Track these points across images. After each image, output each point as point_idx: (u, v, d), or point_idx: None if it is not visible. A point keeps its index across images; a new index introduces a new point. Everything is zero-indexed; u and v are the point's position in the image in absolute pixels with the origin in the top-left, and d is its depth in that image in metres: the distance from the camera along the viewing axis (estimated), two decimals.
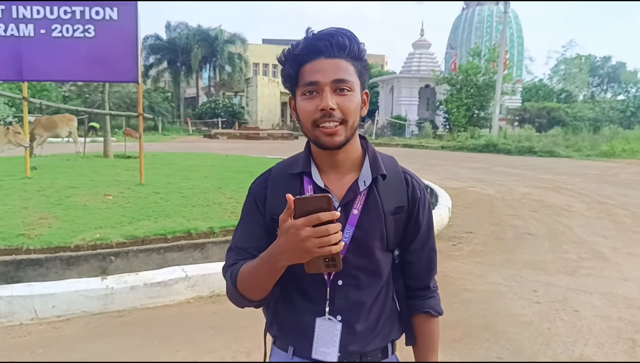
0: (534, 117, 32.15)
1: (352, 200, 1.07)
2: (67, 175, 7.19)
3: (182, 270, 3.84)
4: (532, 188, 10.01)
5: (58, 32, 5.89)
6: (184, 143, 24.82)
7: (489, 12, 36.36)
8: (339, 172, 1.09)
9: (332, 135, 1.00)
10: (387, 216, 1.09)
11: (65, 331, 3.18)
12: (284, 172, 1.13)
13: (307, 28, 1.03)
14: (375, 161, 1.10)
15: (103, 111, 9.99)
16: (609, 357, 2.91)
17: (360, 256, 1.07)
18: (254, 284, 1.04)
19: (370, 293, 1.11)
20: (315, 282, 1.07)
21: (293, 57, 1.03)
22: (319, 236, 0.85)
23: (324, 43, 1.00)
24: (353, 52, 1.03)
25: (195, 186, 6.40)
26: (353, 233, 1.05)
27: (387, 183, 1.10)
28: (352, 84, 1.01)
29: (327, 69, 1.00)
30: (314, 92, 1.01)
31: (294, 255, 0.89)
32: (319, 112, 0.99)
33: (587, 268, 4.71)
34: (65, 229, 4.31)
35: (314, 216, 0.85)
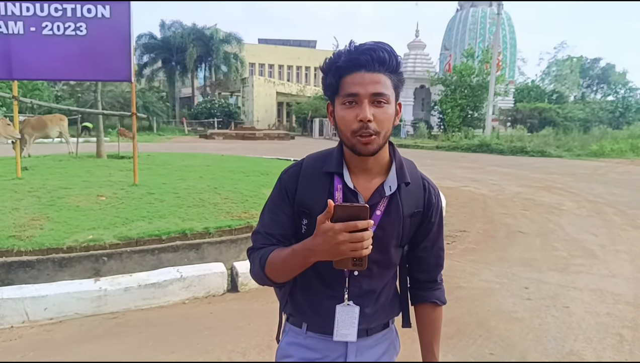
0: (526, 117, 32.39)
1: (377, 202, 1.16)
2: (59, 176, 7.15)
3: (177, 270, 3.84)
4: (523, 187, 10.10)
5: (49, 30, 5.83)
6: (180, 143, 24.72)
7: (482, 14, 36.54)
8: (368, 175, 1.18)
9: (368, 144, 1.08)
10: (405, 219, 1.20)
11: (57, 334, 3.17)
12: (315, 167, 1.22)
13: (350, 41, 1.12)
14: (402, 168, 1.20)
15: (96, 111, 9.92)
16: (597, 352, 2.96)
17: (377, 252, 1.14)
18: (283, 271, 1.14)
19: (381, 282, 1.25)
20: (335, 272, 1.15)
21: (336, 68, 1.10)
22: (354, 242, 0.95)
23: (366, 58, 1.07)
24: (392, 67, 1.10)
25: (191, 187, 6.39)
26: (374, 231, 1.12)
27: (409, 189, 1.20)
28: (389, 97, 1.09)
29: (367, 83, 1.07)
30: (353, 103, 1.08)
31: (327, 254, 0.99)
32: (357, 123, 1.07)
33: (577, 265, 4.77)
34: (57, 230, 4.28)
35: (352, 223, 0.95)
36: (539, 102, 35.53)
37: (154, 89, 39.17)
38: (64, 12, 5.84)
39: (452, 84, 27.71)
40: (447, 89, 27.99)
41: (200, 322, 3.37)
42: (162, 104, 35.53)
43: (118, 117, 22.26)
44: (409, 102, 32.80)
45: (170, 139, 28.43)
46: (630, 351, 2.98)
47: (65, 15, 5.85)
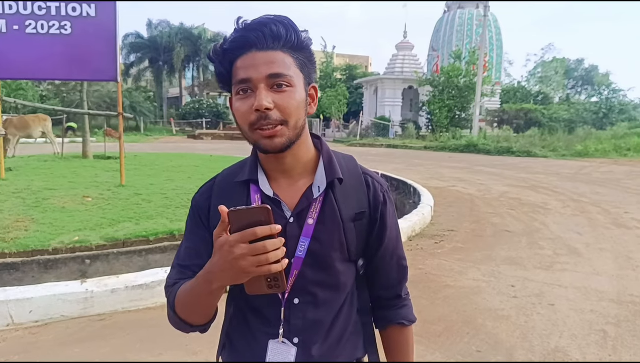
0: (512, 118, 32.75)
1: (306, 208, 0.96)
2: (44, 176, 7.05)
3: (165, 271, 3.81)
4: (510, 187, 10.22)
5: (32, 28, 5.76)
6: (167, 143, 24.52)
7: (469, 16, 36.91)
8: (290, 177, 0.98)
9: (272, 137, 0.88)
10: (347, 224, 0.98)
11: (42, 336, 3.13)
12: (229, 180, 1.02)
13: (238, 18, 0.91)
14: (331, 163, 0.99)
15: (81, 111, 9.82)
16: (582, 348, 3.01)
17: (318, 270, 0.97)
18: (193, 307, 0.94)
19: (330, 310, 1.00)
20: (269, 300, 0.97)
21: (223, 53, 0.91)
22: (256, 254, 0.75)
23: (256, 34, 0.88)
24: (290, 42, 0.90)
25: (179, 187, 6.36)
26: (309, 245, 0.95)
27: (345, 186, 0.99)
28: (291, 79, 0.89)
29: (259, 63, 0.87)
30: (247, 90, 0.89)
31: (229, 274, 0.79)
32: (254, 113, 0.87)
33: (562, 263, 4.85)
34: (42, 232, 4.23)
35: (249, 230, 0.75)
36: (525, 103, 35.97)
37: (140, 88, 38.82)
38: (47, 11, 5.77)
39: (439, 85, 27.94)
40: (434, 89, 28.22)
41: None
42: (149, 104, 35.23)
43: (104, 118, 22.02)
44: (397, 103, 32.99)
45: (157, 139, 28.19)
46: (614, 347, 3.04)
47: (49, 14, 5.78)
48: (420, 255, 5.05)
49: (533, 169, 14.19)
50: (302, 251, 0.95)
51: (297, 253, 0.95)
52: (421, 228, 6.16)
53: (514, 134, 25.82)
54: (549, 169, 14.04)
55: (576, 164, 15.76)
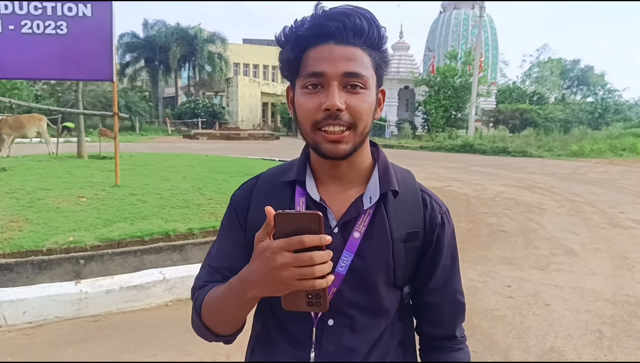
0: (507, 118, 32.87)
1: (353, 220, 0.87)
2: (38, 176, 7.01)
3: (160, 272, 3.80)
4: (506, 187, 10.25)
5: (28, 28, 5.72)
6: (163, 143, 24.45)
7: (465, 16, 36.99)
8: (341, 184, 0.90)
9: (337, 142, 0.80)
10: (396, 244, 0.88)
11: (36, 338, 3.11)
12: (273, 179, 0.93)
13: (317, 3, 0.82)
14: (386, 173, 0.90)
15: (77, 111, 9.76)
16: (577, 348, 3.02)
17: (359, 291, 0.87)
18: (221, 316, 0.85)
19: (368, 337, 0.89)
20: (299, 318, 0.87)
21: (295, 38, 0.82)
22: (300, 265, 0.67)
23: (336, 24, 0.79)
24: (372, 39, 0.82)
25: (174, 187, 6.33)
26: (352, 261, 0.85)
27: (400, 202, 0.89)
28: (367, 80, 0.81)
29: (337, 58, 0.79)
30: (318, 85, 0.80)
31: (266, 285, 0.71)
32: (322, 112, 0.79)
33: (558, 263, 4.86)
34: (36, 232, 4.20)
35: (296, 238, 0.67)
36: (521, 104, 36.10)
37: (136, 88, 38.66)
38: (44, 11, 5.74)
39: (435, 85, 27.99)
40: (430, 90, 28.27)
41: (184, 324, 3.33)
42: (144, 103, 35.09)
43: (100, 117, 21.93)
44: (394, 103, 33.01)
45: (153, 139, 28.10)
46: (609, 347, 3.04)
47: (45, 14, 5.75)
48: None
49: (529, 169, 14.24)
50: (343, 267, 0.85)
51: (337, 268, 0.85)
52: None
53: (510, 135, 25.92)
54: (544, 170, 14.10)
55: (572, 165, 15.82)
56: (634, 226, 6.57)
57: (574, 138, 22.44)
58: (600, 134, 24.39)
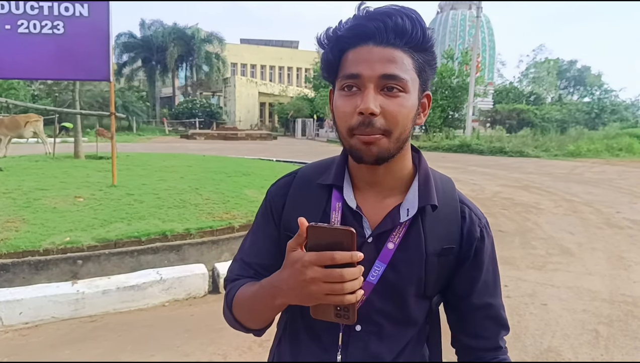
0: (504, 118, 32.96)
1: (388, 231, 0.85)
2: (35, 177, 6.98)
3: (157, 272, 3.79)
4: (503, 187, 10.27)
5: (25, 28, 5.71)
6: (160, 143, 24.40)
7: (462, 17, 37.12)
8: (379, 192, 0.87)
9: (370, 144, 0.78)
10: (430, 258, 0.86)
11: (33, 338, 3.10)
12: (311, 179, 0.92)
13: (360, 3, 0.80)
14: (427, 185, 0.87)
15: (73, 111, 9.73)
16: (574, 348, 3.03)
17: (388, 300, 0.87)
18: (250, 313, 0.87)
19: (395, 345, 0.90)
20: (328, 322, 0.85)
21: (336, 39, 0.80)
22: (330, 282, 0.67)
23: (377, 25, 0.76)
24: (415, 40, 0.78)
25: (171, 187, 6.31)
26: (383, 272, 0.85)
27: (438, 215, 0.87)
28: (406, 83, 0.78)
29: (375, 60, 0.76)
30: (354, 87, 0.78)
31: (295, 295, 0.72)
32: (356, 117, 0.77)
33: (555, 263, 4.87)
34: (33, 232, 4.19)
35: (328, 254, 0.67)
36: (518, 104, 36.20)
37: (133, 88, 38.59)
38: (40, 10, 5.73)
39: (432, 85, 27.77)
40: None
41: (181, 325, 3.33)
42: (142, 103, 35.03)
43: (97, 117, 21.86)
44: None
45: (150, 139, 28.05)
46: (606, 347, 3.05)
47: (42, 14, 5.74)
48: None
49: (526, 169, 14.27)
50: (375, 277, 0.85)
51: (369, 277, 0.84)
52: None
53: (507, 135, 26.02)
54: (541, 170, 14.14)
55: (569, 165, 15.87)
56: (631, 226, 6.60)
57: (571, 138, 22.53)
58: (597, 135, 24.48)
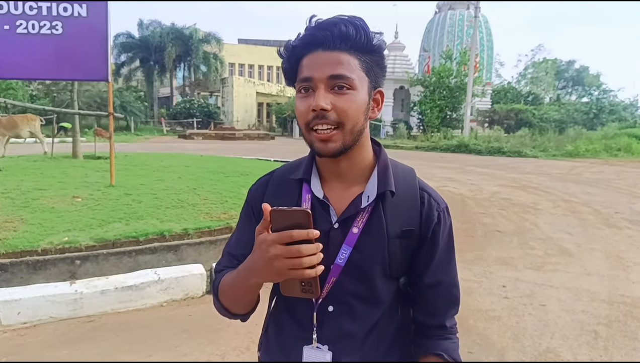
0: (502, 118, 32.98)
1: (352, 216, 0.94)
2: (33, 176, 6.97)
3: (155, 272, 3.79)
4: (501, 187, 10.28)
5: (23, 28, 5.70)
6: (158, 143, 24.37)
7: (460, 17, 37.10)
8: (344, 182, 0.97)
9: (326, 141, 0.88)
10: (392, 240, 0.94)
11: (31, 338, 3.09)
12: (285, 176, 1.03)
13: (312, 16, 0.91)
14: (385, 173, 0.96)
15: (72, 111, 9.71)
16: (573, 349, 3.03)
17: (357, 281, 0.95)
18: (233, 297, 0.97)
19: (365, 323, 0.98)
20: (304, 304, 0.96)
21: (291, 50, 0.91)
22: (290, 257, 0.76)
23: (324, 33, 0.87)
24: (359, 44, 0.88)
25: (169, 187, 6.31)
26: (350, 255, 0.93)
27: (397, 200, 0.96)
28: (353, 81, 0.87)
29: (324, 63, 0.87)
30: (309, 89, 0.89)
31: (264, 273, 0.81)
32: (311, 113, 0.87)
33: (553, 263, 4.88)
34: (31, 232, 4.18)
35: (286, 232, 0.76)
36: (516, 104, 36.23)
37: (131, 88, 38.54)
38: (39, 11, 5.73)
39: (430, 85, 28.06)
40: (426, 90, 28.34)
41: (179, 325, 3.33)
42: (140, 103, 34.98)
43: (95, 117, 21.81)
44: (389, 103, 33.09)
45: (148, 139, 28.00)
46: (605, 347, 3.06)
47: (40, 14, 5.73)
48: None
49: (524, 169, 14.29)
50: (342, 259, 0.93)
51: (337, 260, 0.93)
52: None
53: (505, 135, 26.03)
54: (539, 170, 14.15)
55: (567, 165, 15.89)
56: (629, 226, 6.61)
57: (569, 138, 22.54)
58: (595, 135, 24.49)
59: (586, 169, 14.64)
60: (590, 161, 17.38)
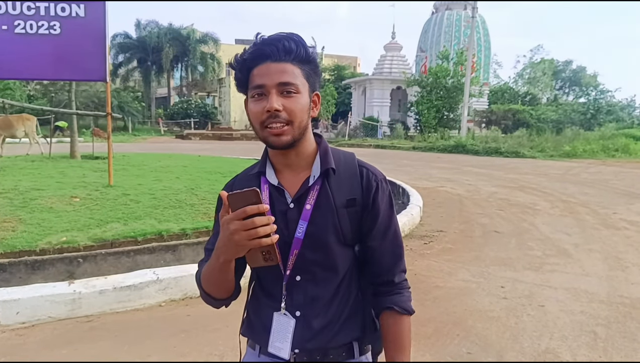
0: (500, 119, 33.01)
1: (304, 195, 1.09)
2: (31, 177, 6.95)
3: (153, 272, 3.78)
4: (498, 188, 10.29)
5: (21, 28, 5.69)
6: (156, 143, 24.32)
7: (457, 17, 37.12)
8: (294, 170, 1.13)
9: (279, 135, 1.04)
10: (340, 209, 1.09)
11: (29, 338, 3.08)
12: (246, 173, 1.20)
13: (257, 33, 1.08)
14: (326, 156, 1.13)
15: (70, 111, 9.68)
16: (572, 350, 3.03)
17: (316, 251, 1.09)
18: (211, 281, 1.08)
19: (328, 288, 1.11)
20: (274, 278, 1.11)
21: (242, 62, 1.07)
22: (247, 229, 0.88)
23: (271, 48, 1.04)
24: (300, 56, 1.06)
25: (167, 188, 6.30)
26: (306, 228, 1.08)
27: (339, 176, 1.12)
28: (298, 87, 1.04)
29: (273, 73, 1.03)
30: (262, 95, 1.04)
31: (229, 248, 0.93)
32: (265, 114, 1.03)
33: (552, 264, 4.88)
34: (30, 232, 4.17)
35: (240, 210, 0.88)
36: (513, 104, 36.26)
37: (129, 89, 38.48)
38: (37, 11, 5.71)
39: (427, 86, 28.06)
40: (423, 90, 28.32)
41: (177, 325, 3.32)
42: (137, 104, 34.93)
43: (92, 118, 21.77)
44: (386, 103, 33.07)
45: (146, 139, 27.96)
46: (604, 348, 3.06)
47: (38, 14, 5.72)
48: (410, 256, 5.05)
49: (521, 169, 14.31)
50: (300, 232, 1.08)
51: (296, 234, 1.08)
52: (410, 228, 6.17)
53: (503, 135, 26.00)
54: (537, 170, 14.17)
55: (564, 165, 15.92)
56: (628, 227, 6.62)
57: (567, 139, 22.53)
58: (592, 135, 24.49)
59: (584, 169, 14.67)
60: (588, 161, 17.41)
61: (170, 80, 42.57)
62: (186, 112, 37.30)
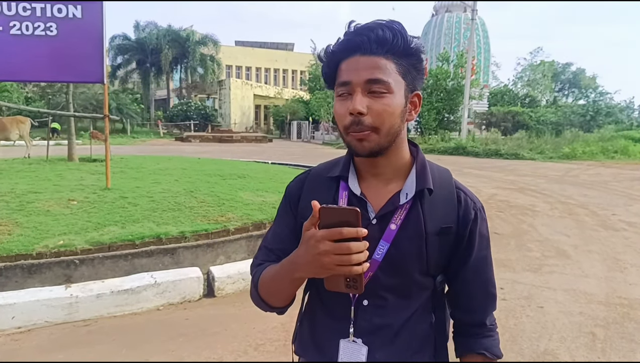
0: (500, 121, 33.08)
1: (390, 213, 0.96)
2: (28, 179, 6.92)
3: (151, 276, 3.76)
4: (498, 189, 10.29)
5: (17, 29, 5.66)
6: (155, 145, 24.31)
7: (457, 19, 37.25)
8: (381, 180, 1.00)
9: (362, 140, 0.91)
10: (430, 237, 0.96)
11: (26, 343, 3.06)
12: (322, 174, 1.06)
13: (350, 21, 0.93)
14: (423, 172, 0.99)
15: (67, 113, 9.67)
16: (571, 351, 3.02)
17: (392, 276, 0.97)
18: (274, 290, 0.99)
19: (399, 316, 0.99)
20: (339, 298, 0.99)
21: (331, 54, 0.94)
22: (339, 253, 0.78)
23: (361, 38, 0.90)
24: (396, 48, 0.90)
25: (166, 190, 6.27)
26: (387, 250, 0.95)
27: (435, 198, 0.98)
28: (390, 85, 0.90)
29: (361, 68, 0.90)
30: (346, 93, 0.92)
31: (311, 268, 0.83)
32: (349, 117, 0.90)
33: (551, 265, 4.87)
34: (26, 236, 4.14)
35: (336, 230, 0.78)
36: (513, 106, 36.34)
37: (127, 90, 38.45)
38: (33, 12, 5.68)
39: (428, 88, 28.10)
40: (423, 92, 28.30)
41: (175, 329, 3.30)
42: (136, 106, 34.89)
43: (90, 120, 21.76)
44: None
45: (144, 141, 27.94)
46: (603, 349, 3.05)
47: (34, 15, 5.69)
48: None
49: (521, 171, 14.31)
50: (379, 255, 0.96)
51: (374, 255, 0.95)
52: None
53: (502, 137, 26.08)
54: (536, 172, 14.18)
55: (564, 167, 15.93)
56: (626, 228, 6.61)
57: (566, 141, 22.59)
58: (592, 137, 24.57)
59: (583, 171, 14.67)
60: (587, 163, 17.43)
61: (169, 82, 42.58)
62: (186, 115, 37.29)
